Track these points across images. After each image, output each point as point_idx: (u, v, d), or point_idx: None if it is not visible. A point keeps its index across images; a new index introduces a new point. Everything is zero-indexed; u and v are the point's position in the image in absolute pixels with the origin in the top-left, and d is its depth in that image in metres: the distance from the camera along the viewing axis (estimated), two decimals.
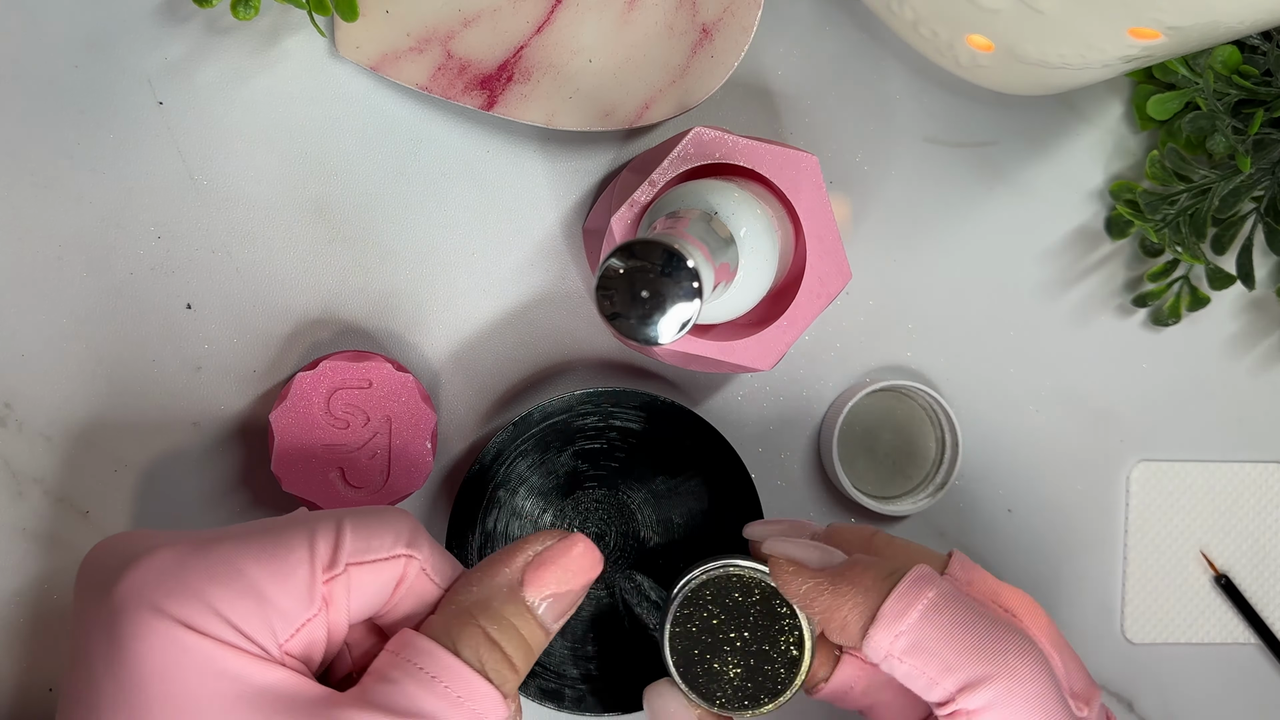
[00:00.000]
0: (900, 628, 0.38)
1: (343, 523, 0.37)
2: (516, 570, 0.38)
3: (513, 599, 0.38)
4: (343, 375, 0.49)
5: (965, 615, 0.38)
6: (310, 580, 0.36)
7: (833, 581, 0.39)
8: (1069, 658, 0.40)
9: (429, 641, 0.36)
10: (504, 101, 0.49)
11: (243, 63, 0.51)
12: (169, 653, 0.34)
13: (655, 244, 0.37)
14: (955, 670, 0.37)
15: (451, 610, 0.38)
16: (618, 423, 0.52)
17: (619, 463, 0.53)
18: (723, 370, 0.47)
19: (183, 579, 0.35)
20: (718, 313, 0.45)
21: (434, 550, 0.38)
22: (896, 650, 0.38)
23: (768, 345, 0.46)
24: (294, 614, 0.35)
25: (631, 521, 0.53)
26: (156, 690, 0.34)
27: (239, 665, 0.34)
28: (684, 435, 0.51)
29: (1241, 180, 0.51)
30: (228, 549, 0.36)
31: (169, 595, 0.35)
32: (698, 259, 0.37)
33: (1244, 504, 0.57)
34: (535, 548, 0.39)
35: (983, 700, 0.37)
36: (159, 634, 0.34)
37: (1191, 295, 0.54)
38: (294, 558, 0.36)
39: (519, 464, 0.51)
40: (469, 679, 0.36)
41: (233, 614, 0.34)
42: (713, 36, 0.49)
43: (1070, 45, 0.45)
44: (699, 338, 0.45)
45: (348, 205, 0.52)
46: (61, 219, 0.51)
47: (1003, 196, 0.55)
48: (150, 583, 0.35)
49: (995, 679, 0.37)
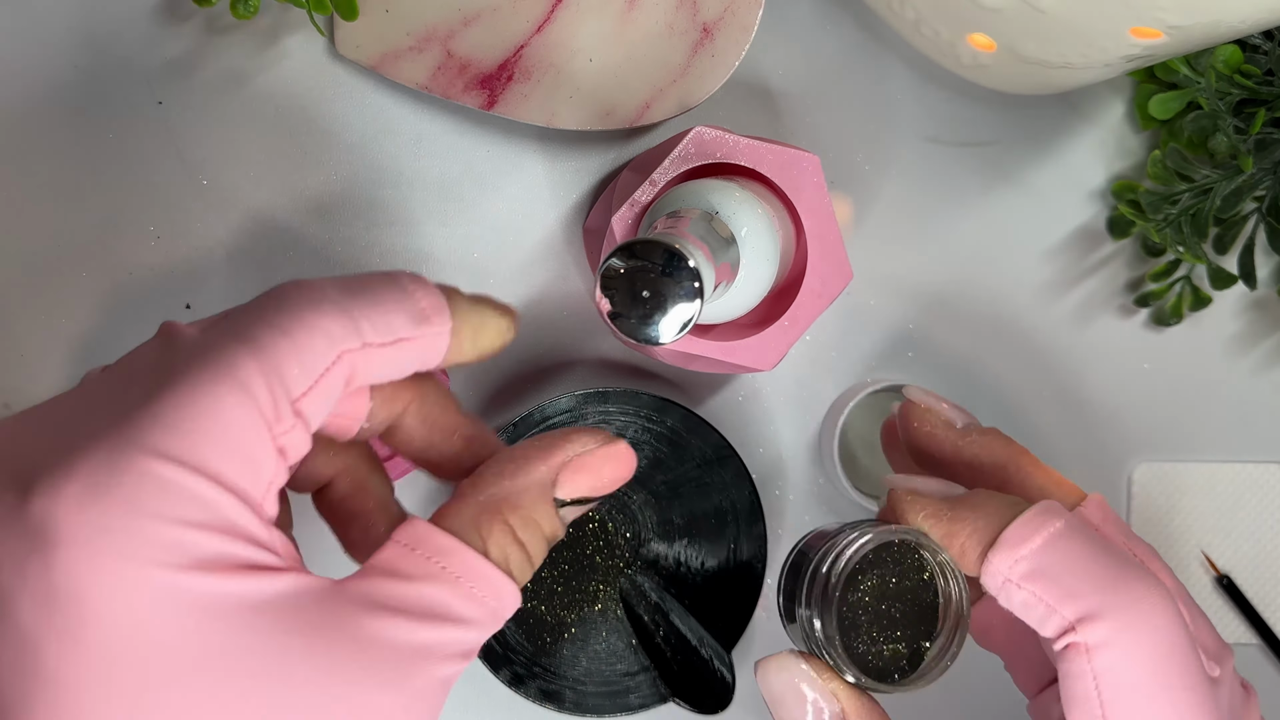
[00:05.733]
0: (1021, 553, 0.35)
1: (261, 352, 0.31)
2: (553, 469, 0.36)
3: (544, 499, 0.35)
4: None
5: (1092, 549, 0.35)
6: (262, 443, 0.30)
7: (953, 508, 0.37)
8: (1198, 614, 0.37)
9: (451, 540, 0.33)
10: (504, 101, 0.49)
11: (242, 62, 0.51)
12: (147, 603, 0.28)
13: (656, 244, 0.37)
14: (1077, 598, 0.34)
15: (479, 502, 0.34)
16: (618, 423, 0.51)
17: None
18: (724, 370, 0.47)
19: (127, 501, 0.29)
20: (718, 312, 0.45)
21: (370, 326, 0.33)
22: (1015, 575, 0.35)
23: (769, 345, 0.46)
24: (256, 485, 0.30)
25: (633, 523, 0.53)
26: (140, 648, 0.28)
27: (228, 584, 0.29)
28: (684, 435, 0.51)
29: (1243, 180, 0.51)
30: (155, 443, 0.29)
31: (119, 531, 0.28)
32: (699, 259, 0.37)
33: (1246, 505, 0.57)
34: (576, 449, 0.36)
35: (1103, 633, 0.34)
36: (128, 581, 0.28)
37: (1193, 295, 0.54)
38: (233, 423, 0.30)
39: None
40: (496, 580, 0.33)
41: (200, 521, 0.29)
42: (713, 36, 0.49)
43: (1072, 44, 0.45)
44: (700, 338, 0.45)
45: (347, 205, 0.52)
46: (61, 219, 0.51)
47: (1004, 196, 0.55)
48: (87, 515, 0.28)
49: (1120, 611, 0.34)
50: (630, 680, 0.52)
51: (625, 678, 0.52)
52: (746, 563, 0.52)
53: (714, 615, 0.53)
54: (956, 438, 0.40)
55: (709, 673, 0.50)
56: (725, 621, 0.52)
